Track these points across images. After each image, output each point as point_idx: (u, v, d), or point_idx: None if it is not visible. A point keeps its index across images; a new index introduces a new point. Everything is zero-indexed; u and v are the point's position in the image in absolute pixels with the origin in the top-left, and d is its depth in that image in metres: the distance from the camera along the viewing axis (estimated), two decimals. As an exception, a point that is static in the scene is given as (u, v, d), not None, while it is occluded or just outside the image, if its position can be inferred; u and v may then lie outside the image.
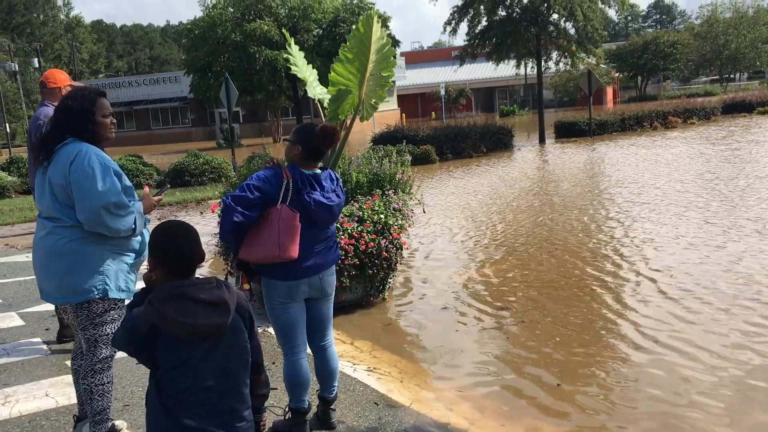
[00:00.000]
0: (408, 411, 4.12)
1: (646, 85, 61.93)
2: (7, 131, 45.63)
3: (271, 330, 4.98)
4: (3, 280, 8.09)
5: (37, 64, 58.81)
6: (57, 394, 4.49)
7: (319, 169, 3.66)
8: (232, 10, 37.58)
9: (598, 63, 29.77)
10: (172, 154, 30.79)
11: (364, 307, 6.45)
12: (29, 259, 3.65)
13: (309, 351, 3.80)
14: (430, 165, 20.45)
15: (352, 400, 4.26)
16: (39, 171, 3.47)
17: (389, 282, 6.72)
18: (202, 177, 18.52)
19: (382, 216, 6.34)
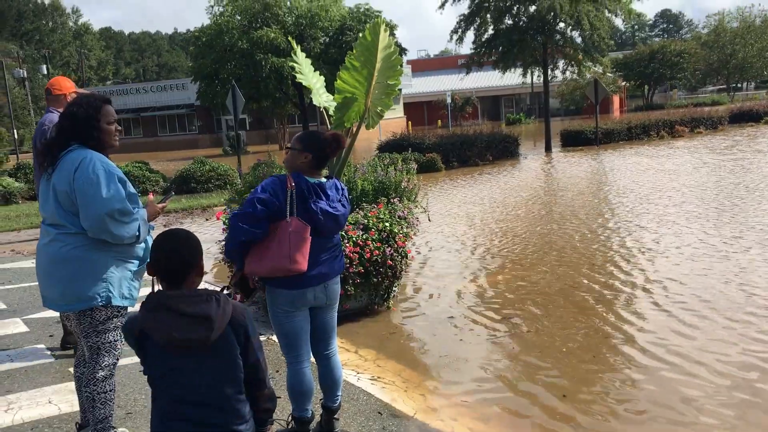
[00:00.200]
0: (412, 421, 4.09)
1: (653, 94, 61.85)
2: (15, 137, 45.86)
3: (275, 338, 4.97)
4: (8, 286, 8.10)
5: (45, 71, 59.25)
6: (60, 401, 4.47)
7: (325, 178, 3.65)
8: (239, 18, 37.77)
9: (605, 72, 29.71)
10: (179, 161, 30.87)
11: (369, 315, 6.43)
12: (34, 265, 3.64)
13: (312, 360, 3.78)
14: (435, 173, 20.43)
15: (356, 409, 4.23)
16: (43, 177, 3.47)
17: (394, 290, 6.70)
18: (208, 184, 18.55)
19: (387, 224, 6.32)
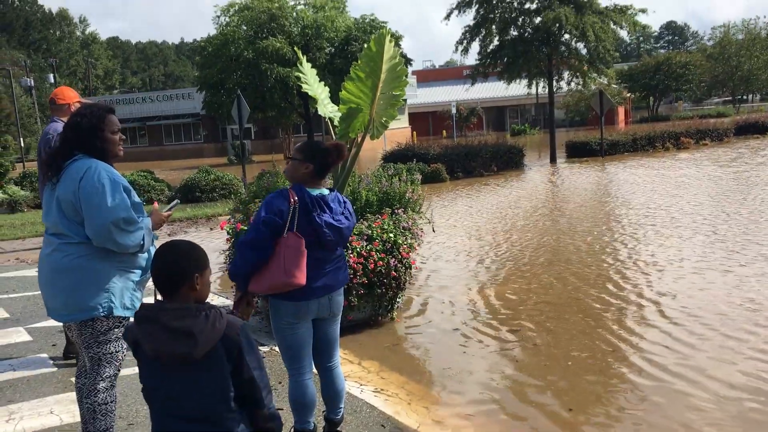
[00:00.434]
0: (415, 434, 4.05)
1: (658, 105, 61.85)
2: (22, 146, 46.06)
3: (277, 349, 4.94)
4: (12, 295, 8.10)
5: (52, 80, 59.62)
6: (62, 411, 4.45)
7: (328, 189, 3.63)
8: (245, 28, 37.93)
9: (610, 83, 29.77)
10: (184, 170, 30.93)
11: (373, 326, 6.40)
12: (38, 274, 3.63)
13: (315, 371, 3.75)
14: (440, 184, 20.42)
15: (359, 422, 4.20)
16: (47, 187, 3.46)
17: (398, 301, 6.67)
18: (212, 193, 18.56)
19: (392, 235, 6.30)
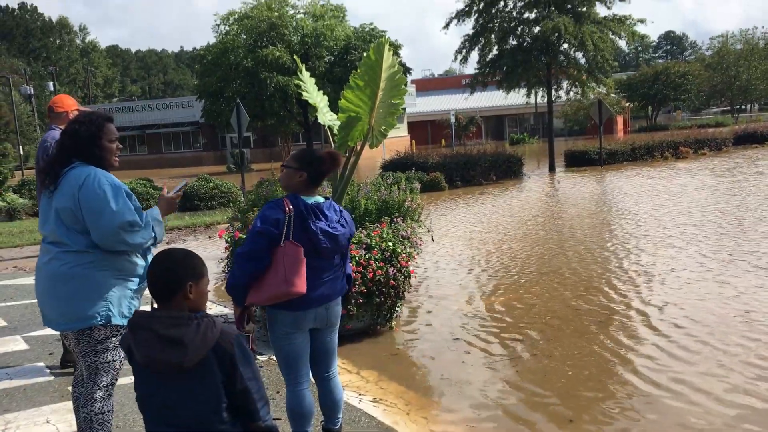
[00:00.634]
0: (414, 445, 4.03)
1: (657, 115, 61.99)
2: (20, 153, 46.06)
3: (275, 358, 4.91)
4: (10, 303, 8.07)
5: (52, 88, 59.66)
6: (58, 420, 4.42)
7: (323, 198, 3.62)
8: (245, 37, 38.05)
9: (609, 93, 29.83)
10: (183, 178, 30.90)
11: (371, 335, 6.37)
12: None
13: (313, 381, 3.73)
14: (439, 192, 20.41)
15: (357, 432, 4.17)
16: (44, 195, 3.45)
17: (397, 311, 6.64)
18: (211, 201, 18.54)
19: (390, 244, 6.28)
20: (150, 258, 3.49)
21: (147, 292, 2.53)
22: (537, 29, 25.81)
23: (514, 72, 26.29)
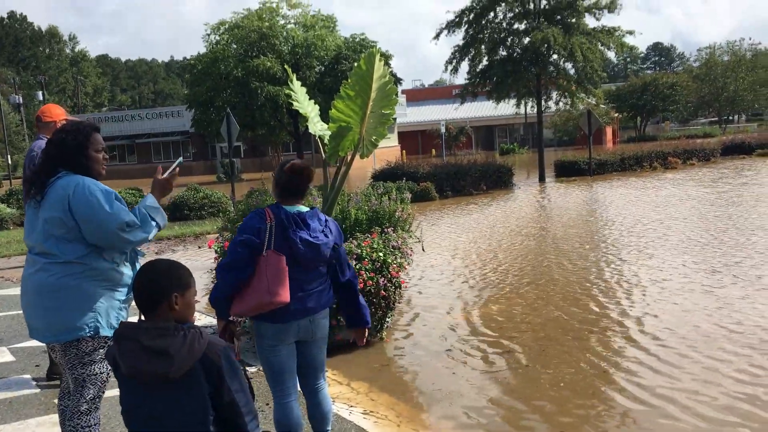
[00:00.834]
0: (405, 457, 3.99)
1: (646, 125, 62.37)
2: (9, 163, 45.79)
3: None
4: (-5, 314, 7.98)
5: (41, 97, 59.45)
6: (43, 434, 4.36)
7: (308, 207, 3.58)
8: (235, 47, 38.05)
9: (598, 103, 29.99)
10: (173, 188, 30.78)
11: (362, 346, 6.31)
12: (21, 294, 3.55)
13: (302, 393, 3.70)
14: (429, 202, 20.42)
15: (348, 444, 4.13)
16: (30, 205, 3.40)
17: (387, 321, 6.61)
18: (201, 211, 18.48)
19: (381, 254, 6.26)
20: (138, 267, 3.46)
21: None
22: (527, 40, 25.95)
23: (504, 82, 26.40)
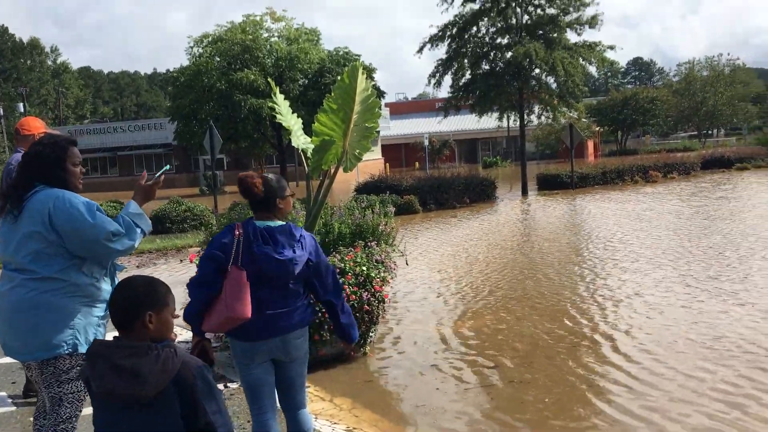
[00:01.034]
0: (388, 475, 3.94)
1: (626, 139, 62.93)
2: (-12, 175, 45.21)
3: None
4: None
5: (22, 109, 58.86)
6: (18, 453, 4.26)
7: (281, 222, 3.50)
8: (218, 59, 37.94)
9: (580, 117, 30.21)
10: (154, 200, 30.53)
11: (345, 361, 6.28)
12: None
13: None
14: (413, 215, 20.41)
15: (330, 462, 4.08)
16: (7, 220, 3.34)
17: (371, 336, 6.57)
18: (183, 224, 18.32)
19: (364, 268, 6.22)
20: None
21: None
22: (509, 54, 26.11)
23: (486, 96, 26.54)
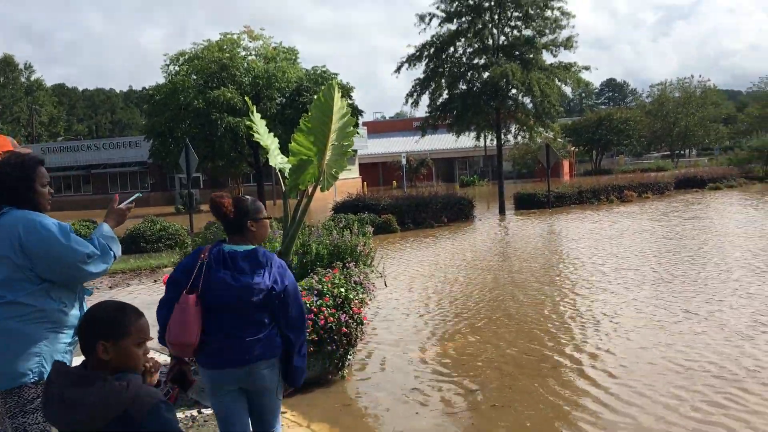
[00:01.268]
0: (367, 505, 3.83)
1: (601, 159, 63.68)
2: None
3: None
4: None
5: (-7, 126, 58.07)
6: (-20, 486, 4.07)
7: (249, 247, 3.39)
8: (195, 77, 37.80)
9: (555, 137, 30.51)
10: (128, 220, 30.14)
11: (323, 385, 6.15)
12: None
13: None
14: (391, 234, 20.34)
15: (307, 492, 3.95)
16: (-31, 244, 3.20)
17: (349, 359, 6.45)
18: (158, 243, 18.08)
19: (343, 290, 6.13)
20: (86, 307, 3.29)
21: None
22: (486, 75, 26.30)
23: (464, 116, 26.68)
